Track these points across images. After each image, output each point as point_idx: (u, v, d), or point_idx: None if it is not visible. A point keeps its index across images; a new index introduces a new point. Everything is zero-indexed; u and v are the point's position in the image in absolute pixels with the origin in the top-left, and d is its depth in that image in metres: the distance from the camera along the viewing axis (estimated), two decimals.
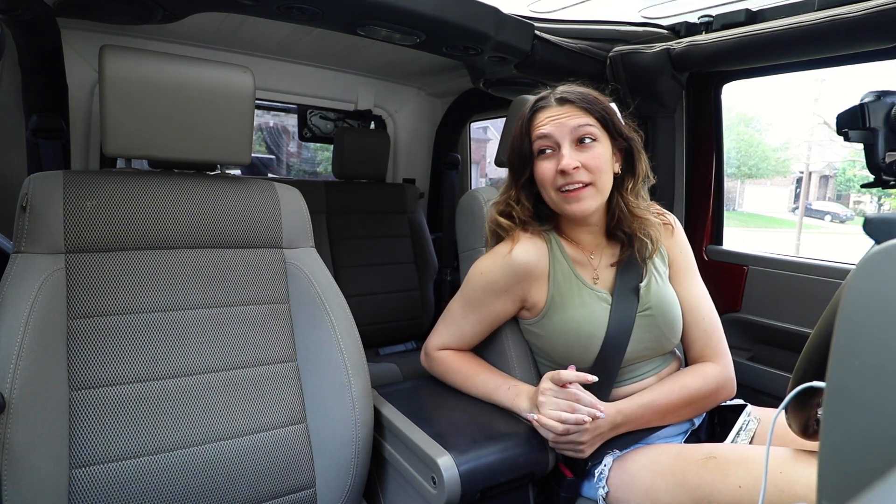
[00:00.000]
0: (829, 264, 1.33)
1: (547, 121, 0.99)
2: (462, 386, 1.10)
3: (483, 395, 1.06)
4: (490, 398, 1.05)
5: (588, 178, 0.96)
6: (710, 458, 0.86)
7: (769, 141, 13.87)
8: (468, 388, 1.09)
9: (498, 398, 1.03)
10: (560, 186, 0.97)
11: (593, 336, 0.98)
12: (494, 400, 1.04)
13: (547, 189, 1.00)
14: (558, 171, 0.96)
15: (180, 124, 0.95)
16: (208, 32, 1.73)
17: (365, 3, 1.11)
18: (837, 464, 0.34)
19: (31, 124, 1.42)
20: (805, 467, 0.77)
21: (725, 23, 1.32)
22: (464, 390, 1.10)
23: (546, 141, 0.98)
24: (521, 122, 1.02)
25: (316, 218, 1.22)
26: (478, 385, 1.07)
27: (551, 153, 0.99)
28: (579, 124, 0.97)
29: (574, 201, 0.97)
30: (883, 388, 0.32)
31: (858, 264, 0.35)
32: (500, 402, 1.03)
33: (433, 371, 1.17)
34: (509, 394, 1.01)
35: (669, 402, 0.98)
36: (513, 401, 1.00)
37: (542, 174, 0.99)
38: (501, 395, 1.02)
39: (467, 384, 1.09)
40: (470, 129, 2.70)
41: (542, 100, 1.02)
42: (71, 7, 1.10)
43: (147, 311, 0.92)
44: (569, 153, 0.96)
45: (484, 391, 1.06)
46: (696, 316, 1.07)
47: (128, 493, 0.82)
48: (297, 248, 1.08)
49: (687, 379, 1.01)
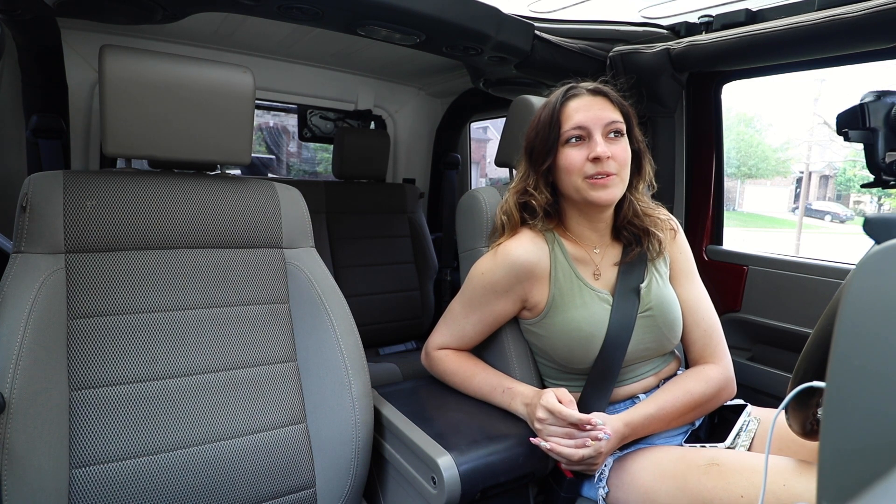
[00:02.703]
0: (829, 264, 1.33)
1: (581, 109, 0.98)
2: (460, 386, 1.11)
3: (480, 396, 1.07)
4: (487, 400, 1.06)
5: (615, 169, 0.97)
6: (713, 464, 0.86)
7: (769, 141, 13.87)
8: (466, 388, 1.10)
9: (494, 400, 1.04)
10: (589, 174, 0.97)
11: (594, 336, 0.98)
12: (491, 402, 1.05)
13: (572, 177, 0.99)
14: (590, 159, 0.97)
15: (180, 124, 0.95)
16: (208, 32, 1.73)
17: (365, 3, 1.11)
18: (837, 464, 0.34)
19: (31, 124, 1.42)
20: (809, 480, 0.76)
21: (725, 23, 1.32)
22: (462, 391, 1.10)
23: (578, 130, 0.98)
24: (550, 109, 1.01)
25: (316, 218, 1.22)
26: (475, 386, 1.08)
27: (580, 142, 0.99)
28: (612, 119, 0.98)
29: (602, 189, 0.97)
30: (883, 388, 0.32)
31: (858, 264, 0.35)
32: (497, 404, 1.04)
33: (433, 371, 1.17)
34: (504, 397, 1.02)
35: (675, 409, 0.97)
36: (508, 404, 1.01)
37: (569, 161, 0.98)
38: (497, 398, 1.03)
39: (465, 385, 1.09)
40: (470, 129, 2.70)
41: (574, 89, 1.02)
42: (71, 7, 1.10)
43: (147, 311, 0.92)
44: (601, 143, 0.97)
45: (481, 393, 1.07)
46: (696, 317, 1.07)
47: (128, 493, 0.82)
48: (297, 248, 1.08)
49: (690, 383, 1.01)
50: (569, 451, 0.89)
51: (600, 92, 1.01)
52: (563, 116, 0.99)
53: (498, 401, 1.03)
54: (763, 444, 0.98)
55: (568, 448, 0.89)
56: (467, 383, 1.09)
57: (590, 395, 0.99)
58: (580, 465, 0.91)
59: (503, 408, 1.02)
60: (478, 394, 1.07)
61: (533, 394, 0.97)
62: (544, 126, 1.01)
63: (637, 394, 1.03)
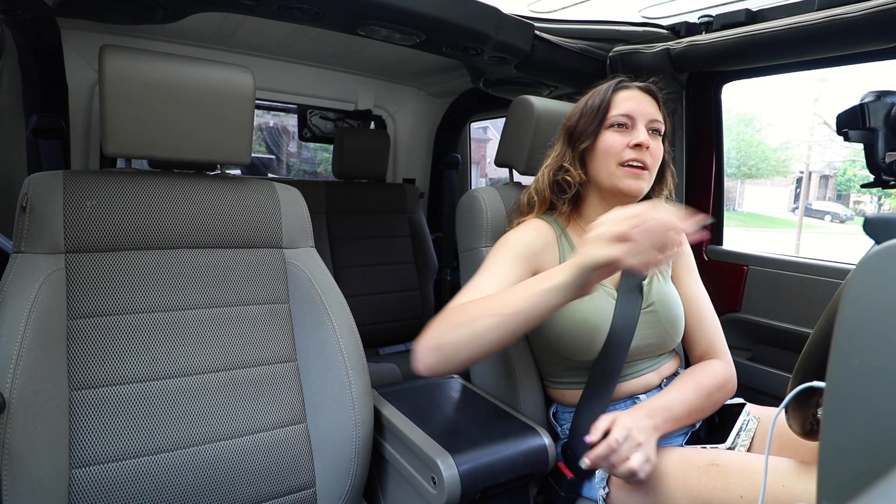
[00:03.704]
0: (829, 264, 1.33)
1: (632, 100, 1.02)
2: (478, 318, 0.81)
3: (511, 311, 0.79)
4: (522, 305, 0.78)
5: (650, 162, 1.00)
6: (713, 465, 0.86)
7: (769, 141, 13.88)
8: (487, 313, 0.81)
9: (531, 294, 0.78)
10: (627, 160, 0.99)
11: (599, 328, 0.98)
12: (528, 306, 0.78)
13: (609, 160, 1.01)
14: (630, 146, 0.99)
15: (180, 124, 0.95)
16: (208, 32, 1.73)
17: (365, 3, 1.11)
18: (837, 464, 0.34)
19: (31, 124, 1.42)
20: (807, 481, 0.76)
21: (725, 23, 1.32)
22: (486, 326, 0.80)
23: (624, 117, 1.01)
24: (600, 94, 1.04)
25: (316, 218, 1.22)
26: (503, 303, 0.80)
27: (623, 129, 1.01)
28: (657, 118, 1.03)
29: (633, 178, 1.00)
30: (882, 388, 0.32)
31: (858, 264, 0.35)
32: (536, 299, 0.78)
33: (431, 343, 0.83)
34: (541, 284, 0.78)
35: (689, 401, 0.97)
36: (550, 284, 0.77)
37: (610, 144, 1.01)
38: (533, 290, 0.78)
39: (485, 310, 0.81)
40: (470, 129, 2.70)
41: (625, 81, 1.05)
42: (71, 7, 1.10)
43: (147, 311, 0.92)
44: (644, 132, 1.00)
45: (510, 304, 0.79)
46: (700, 315, 1.09)
47: (128, 493, 0.82)
48: (297, 248, 1.08)
49: (700, 377, 1.02)
50: (624, 469, 0.84)
51: (650, 91, 1.05)
52: (613, 103, 1.03)
53: (535, 292, 0.78)
54: (763, 444, 0.98)
55: (641, 464, 0.84)
56: (485, 309, 0.82)
57: (592, 392, 0.99)
58: (634, 473, 0.85)
59: (545, 305, 0.77)
60: (509, 310, 0.79)
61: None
62: (591, 109, 1.04)
63: (638, 392, 1.03)
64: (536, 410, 1.08)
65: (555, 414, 1.09)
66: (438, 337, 0.83)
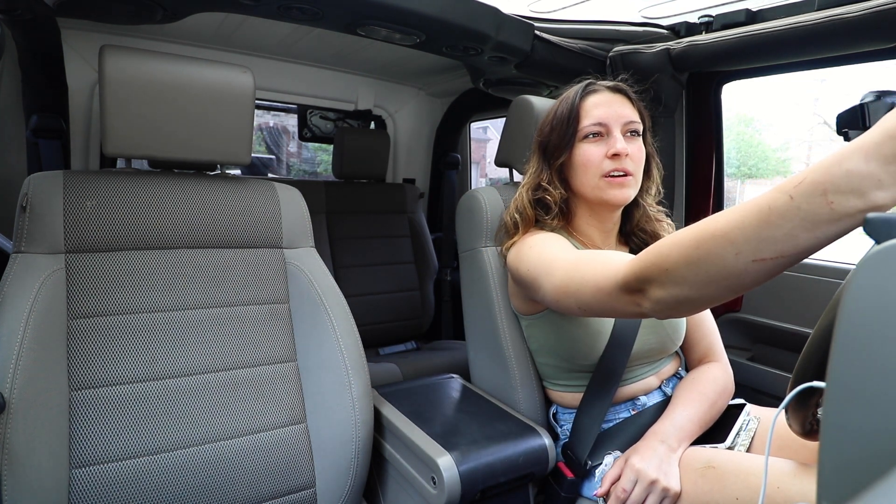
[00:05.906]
0: (829, 264, 1.33)
1: (602, 105, 0.97)
2: (717, 237, 0.59)
3: (755, 231, 0.55)
4: (764, 227, 0.54)
5: (632, 168, 0.96)
6: (709, 467, 0.86)
7: (769, 141, 13.87)
8: (725, 234, 0.58)
9: (778, 210, 0.53)
10: (607, 171, 0.95)
11: (600, 333, 0.98)
12: (775, 225, 0.53)
13: (589, 174, 0.96)
14: (608, 156, 0.95)
15: (180, 124, 0.95)
16: (208, 32, 1.73)
17: (365, 3, 1.11)
18: (837, 464, 0.34)
19: (31, 124, 1.42)
20: (803, 482, 0.76)
21: (725, 23, 1.32)
22: (720, 248, 0.58)
23: (598, 126, 0.96)
24: (567, 103, 0.99)
25: (316, 218, 1.22)
26: (739, 219, 0.57)
27: (599, 139, 0.97)
28: (631, 118, 0.97)
29: (618, 187, 0.95)
30: (883, 388, 0.32)
31: (858, 264, 0.35)
32: (788, 215, 0.52)
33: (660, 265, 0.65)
34: (794, 199, 0.52)
35: (702, 420, 0.97)
36: (806, 205, 0.51)
37: (587, 157, 0.96)
38: (783, 204, 0.53)
39: (714, 228, 0.59)
40: (470, 129, 2.70)
41: (593, 85, 1.00)
42: (71, 7, 1.10)
43: (147, 311, 0.92)
44: (621, 139, 0.95)
45: (754, 218, 0.55)
46: (699, 317, 1.09)
47: (128, 493, 0.82)
48: (297, 248, 1.08)
49: (706, 388, 1.01)
50: None
51: (620, 90, 0.99)
52: (582, 111, 0.97)
53: (785, 207, 0.52)
54: (763, 444, 0.98)
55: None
56: (725, 225, 0.58)
57: (592, 396, 0.99)
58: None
59: (796, 224, 0.52)
60: (751, 231, 0.55)
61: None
62: (561, 121, 0.99)
63: (638, 395, 1.03)
64: (536, 410, 1.08)
65: (554, 415, 1.09)
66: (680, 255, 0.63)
